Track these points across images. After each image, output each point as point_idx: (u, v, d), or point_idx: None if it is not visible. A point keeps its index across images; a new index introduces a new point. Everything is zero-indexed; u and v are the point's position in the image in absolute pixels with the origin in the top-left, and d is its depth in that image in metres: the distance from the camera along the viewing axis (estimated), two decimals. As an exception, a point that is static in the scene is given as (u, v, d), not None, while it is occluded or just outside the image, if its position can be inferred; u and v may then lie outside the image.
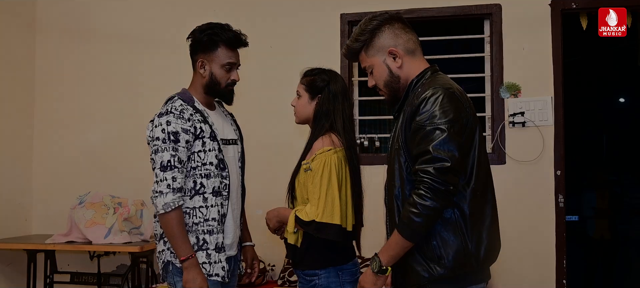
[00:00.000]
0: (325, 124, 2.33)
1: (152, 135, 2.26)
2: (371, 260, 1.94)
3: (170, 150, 2.21)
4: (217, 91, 2.39)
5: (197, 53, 2.37)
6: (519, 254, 3.63)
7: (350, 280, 2.33)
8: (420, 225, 1.79)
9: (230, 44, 2.36)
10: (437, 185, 1.75)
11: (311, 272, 2.30)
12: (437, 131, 1.78)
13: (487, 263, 1.93)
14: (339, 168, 2.26)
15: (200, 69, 2.36)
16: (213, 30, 2.33)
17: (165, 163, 2.20)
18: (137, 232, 3.81)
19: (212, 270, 2.28)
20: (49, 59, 4.41)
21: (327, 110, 2.34)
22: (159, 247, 2.35)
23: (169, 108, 2.27)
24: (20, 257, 4.15)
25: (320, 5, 4.03)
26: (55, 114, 4.38)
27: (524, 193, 3.69)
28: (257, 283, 3.67)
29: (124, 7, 4.33)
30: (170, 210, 2.20)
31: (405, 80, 2.00)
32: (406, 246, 1.85)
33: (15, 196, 4.24)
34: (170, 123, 2.22)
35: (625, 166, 12.91)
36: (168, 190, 2.20)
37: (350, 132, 2.36)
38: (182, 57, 4.07)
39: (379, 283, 1.95)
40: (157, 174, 2.22)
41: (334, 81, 2.38)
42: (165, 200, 2.19)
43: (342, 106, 2.35)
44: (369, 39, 2.02)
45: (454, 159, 1.76)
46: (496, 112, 3.76)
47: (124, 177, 4.16)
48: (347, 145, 2.31)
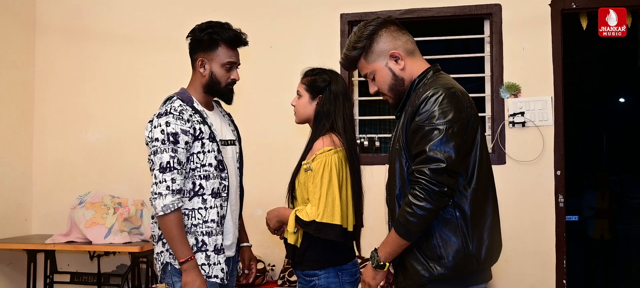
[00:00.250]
0: (326, 124, 2.33)
1: (151, 136, 2.23)
2: (371, 255, 1.97)
3: (169, 152, 2.19)
4: (217, 91, 2.37)
5: (196, 52, 2.35)
6: (519, 254, 3.63)
7: (350, 281, 2.33)
8: (415, 225, 1.80)
9: (230, 43, 2.34)
10: (432, 187, 1.75)
11: (311, 272, 2.30)
12: (435, 131, 1.78)
13: (489, 263, 1.93)
14: (339, 169, 2.25)
15: (200, 68, 2.34)
16: (213, 28, 2.31)
17: (164, 165, 2.18)
18: (137, 232, 3.81)
19: (211, 271, 2.27)
20: (49, 59, 4.41)
21: (328, 110, 2.34)
22: (157, 248, 2.34)
23: (168, 108, 2.25)
24: (20, 257, 4.16)
25: (320, 5, 4.03)
26: (55, 114, 4.38)
27: (524, 193, 3.69)
28: (257, 284, 3.67)
29: (124, 7, 4.33)
30: (170, 212, 2.18)
31: (409, 82, 1.99)
32: (402, 244, 1.87)
33: (15, 196, 4.24)
34: (170, 124, 2.20)
35: (626, 166, 12.92)
36: (167, 191, 2.18)
37: (351, 132, 2.36)
38: (181, 57, 4.07)
39: (379, 277, 2.00)
40: (155, 176, 2.19)
41: (335, 81, 2.38)
42: (164, 201, 2.17)
43: (343, 106, 2.35)
44: (368, 45, 2.00)
45: (450, 160, 1.76)
46: (496, 112, 3.76)
47: (124, 177, 4.16)
48: (348, 146, 2.31)
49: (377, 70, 2.01)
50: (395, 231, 1.86)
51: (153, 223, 2.36)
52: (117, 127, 4.27)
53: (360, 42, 2.00)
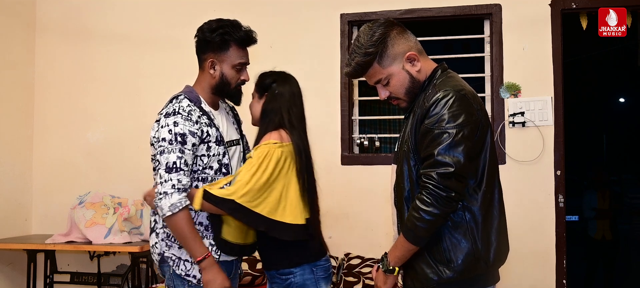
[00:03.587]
0: (274, 119, 2.32)
1: (158, 136, 2.17)
2: (381, 259, 1.95)
3: (176, 152, 2.14)
4: (227, 92, 2.33)
5: (206, 52, 2.29)
6: (519, 254, 3.61)
7: (324, 276, 2.34)
8: (423, 230, 1.78)
9: (242, 43, 2.30)
10: (440, 191, 1.73)
11: (286, 271, 2.30)
12: (444, 135, 1.75)
13: (497, 265, 1.91)
14: (281, 163, 2.23)
15: (210, 69, 2.29)
16: (224, 28, 2.25)
17: (170, 165, 2.13)
18: (137, 232, 3.81)
19: (192, 270, 2.23)
20: (49, 59, 4.41)
21: (273, 107, 2.34)
22: (152, 240, 2.30)
23: (176, 108, 2.19)
24: (20, 257, 4.16)
25: (320, 5, 4.03)
26: (55, 114, 4.38)
27: (524, 193, 3.69)
28: (257, 284, 3.67)
29: (124, 7, 4.33)
30: (178, 210, 2.12)
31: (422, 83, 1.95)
32: (411, 249, 1.85)
33: (15, 196, 4.24)
34: (178, 124, 2.15)
35: (626, 166, 12.93)
36: (173, 190, 2.11)
37: (300, 130, 2.34)
38: (181, 56, 4.08)
39: (390, 282, 1.96)
40: (161, 175, 2.13)
41: (282, 81, 2.39)
42: (171, 200, 2.12)
43: (289, 104, 2.34)
44: (382, 49, 1.90)
45: (459, 165, 1.73)
46: (496, 112, 3.76)
47: (124, 177, 4.16)
48: (297, 142, 2.29)
49: (394, 74, 1.92)
50: (404, 236, 1.84)
51: (151, 214, 2.32)
52: (118, 127, 4.27)
53: (372, 47, 1.89)
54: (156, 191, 2.16)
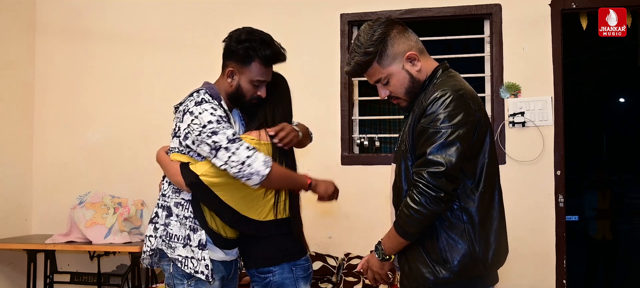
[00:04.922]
0: (259, 117, 2.35)
1: (200, 122, 2.14)
2: (376, 246, 1.97)
3: (227, 128, 2.13)
4: (240, 102, 2.34)
5: (229, 60, 2.29)
6: (519, 254, 3.62)
7: (303, 275, 2.34)
8: (411, 226, 1.80)
9: (266, 61, 2.27)
10: (428, 191, 1.73)
11: (265, 269, 2.30)
12: (438, 134, 1.75)
13: (495, 267, 1.91)
14: None
15: (229, 77, 2.29)
16: (251, 43, 2.24)
17: (231, 137, 2.12)
18: (137, 232, 3.81)
19: (197, 266, 2.22)
20: (49, 59, 4.41)
21: (259, 107, 2.36)
22: (149, 231, 2.29)
23: (204, 98, 2.20)
24: (20, 257, 4.16)
25: (320, 5, 4.03)
26: (55, 114, 4.38)
27: (524, 193, 3.69)
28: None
29: (124, 7, 4.33)
30: (271, 162, 2.13)
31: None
32: (402, 242, 1.87)
33: (15, 196, 4.24)
34: (216, 108, 2.18)
35: (626, 166, 12.93)
36: (251, 151, 2.11)
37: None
38: (181, 56, 4.08)
39: (386, 268, 2.00)
40: (228, 148, 2.10)
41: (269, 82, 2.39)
42: (259, 156, 2.11)
43: (273, 105, 2.37)
44: (382, 49, 1.89)
45: (450, 165, 1.72)
46: (496, 112, 3.76)
47: (124, 177, 4.16)
48: (274, 142, 2.31)
49: (394, 73, 1.92)
50: (395, 229, 1.86)
51: (155, 210, 2.31)
52: (117, 127, 4.27)
53: (372, 46, 1.89)
54: (230, 165, 2.10)
